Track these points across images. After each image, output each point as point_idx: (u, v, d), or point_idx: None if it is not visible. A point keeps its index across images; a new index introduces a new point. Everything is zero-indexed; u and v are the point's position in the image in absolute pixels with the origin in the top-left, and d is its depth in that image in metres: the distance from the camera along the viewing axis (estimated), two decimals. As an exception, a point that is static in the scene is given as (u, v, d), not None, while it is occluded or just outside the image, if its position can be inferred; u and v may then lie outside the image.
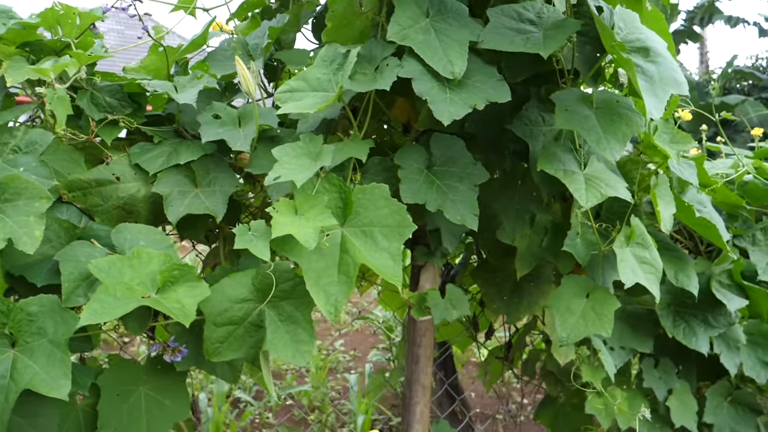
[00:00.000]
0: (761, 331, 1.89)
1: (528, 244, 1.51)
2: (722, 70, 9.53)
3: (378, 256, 1.19)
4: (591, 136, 1.21)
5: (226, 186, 1.37)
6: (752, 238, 2.03)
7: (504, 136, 1.45)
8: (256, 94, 1.26)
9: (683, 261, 1.68)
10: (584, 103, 1.28)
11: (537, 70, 1.37)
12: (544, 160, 1.28)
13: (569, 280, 1.42)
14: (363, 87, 1.17)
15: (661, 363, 1.87)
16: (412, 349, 1.70)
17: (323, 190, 1.20)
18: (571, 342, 1.37)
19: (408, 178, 1.27)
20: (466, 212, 1.27)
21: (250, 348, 1.27)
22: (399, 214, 1.20)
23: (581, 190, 1.24)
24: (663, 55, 1.23)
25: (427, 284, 1.63)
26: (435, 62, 1.17)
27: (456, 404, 2.06)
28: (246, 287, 1.27)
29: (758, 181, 1.99)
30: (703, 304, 1.77)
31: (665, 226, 1.42)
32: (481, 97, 1.18)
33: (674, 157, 1.43)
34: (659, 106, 1.16)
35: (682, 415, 1.84)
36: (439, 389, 2.27)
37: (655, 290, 1.36)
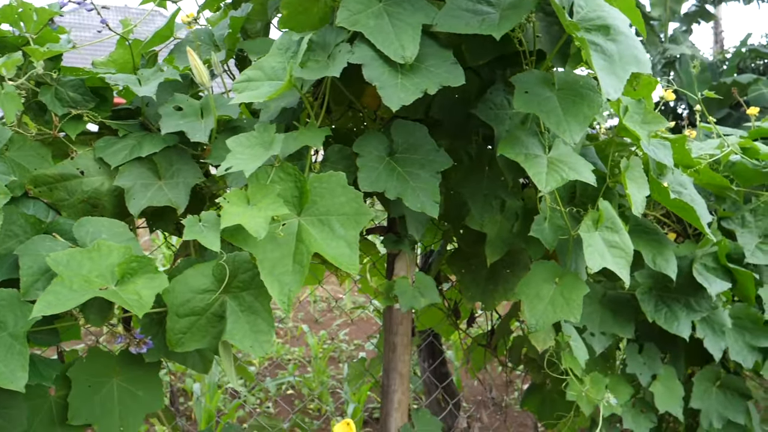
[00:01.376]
0: (748, 314, 1.85)
1: (498, 230, 1.49)
2: (736, 49, 9.33)
3: (335, 244, 1.18)
4: (550, 119, 1.18)
5: (189, 178, 1.37)
6: (741, 219, 1.99)
7: (470, 120, 1.42)
8: (209, 85, 1.25)
9: (662, 244, 1.65)
10: (546, 85, 1.25)
11: (501, 52, 1.34)
12: (505, 144, 1.26)
13: (538, 266, 1.40)
14: (313, 74, 1.16)
15: (645, 348, 1.85)
16: (389, 337, 1.69)
17: (278, 180, 1.20)
18: (540, 329, 1.35)
19: (366, 166, 1.26)
20: (427, 199, 1.26)
21: (213, 338, 1.28)
22: (356, 202, 1.19)
23: (542, 174, 1.22)
24: (624, 33, 1.20)
25: (401, 272, 1.62)
26: (386, 47, 1.15)
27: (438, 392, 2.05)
28: (208, 278, 1.26)
29: (746, 161, 1.94)
30: (685, 287, 1.73)
31: (636, 209, 1.39)
32: (434, 81, 1.16)
33: (645, 138, 1.39)
34: (618, 85, 1.13)
35: (667, 400, 1.81)
36: (427, 378, 2.27)
37: (625, 275, 1.33)
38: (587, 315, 1.75)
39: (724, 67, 9.76)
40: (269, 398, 3.47)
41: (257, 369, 3.90)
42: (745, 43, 9.24)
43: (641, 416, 1.83)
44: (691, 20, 9.99)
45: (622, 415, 1.79)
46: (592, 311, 1.75)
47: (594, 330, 1.73)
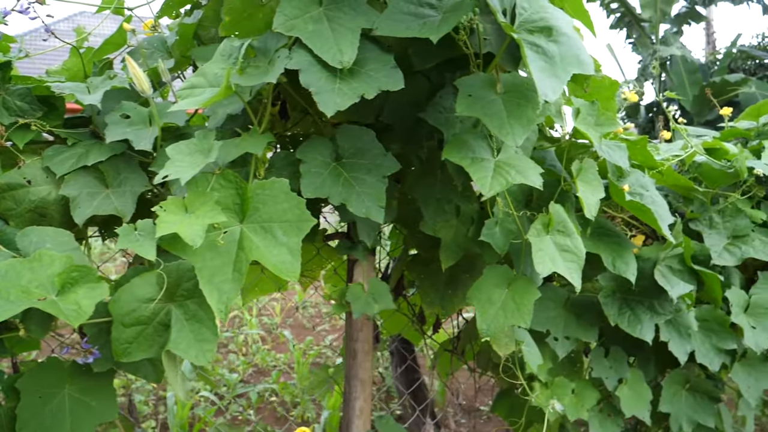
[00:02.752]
0: (715, 317, 1.84)
1: (454, 235, 1.48)
2: (726, 50, 9.33)
3: (277, 251, 1.17)
4: (493, 122, 1.17)
5: (136, 186, 1.36)
6: (709, 221, 1.97)
7: (422, 125, 1.41)
8: (150, 92, 1.24)
9: (622, 247, 1.63)
10: (491, 88, 1.24)
11: (449, 55, 1.33)
12: (451, 148, 1.25)
13: (491, 270, 1.38)
14: (251, 81, 1.15)
15: (612, 352, 1.83)
16: (350, 344, 1.68)
17: (219, 187, 1.18)
18: (491, 334, 1.34)
19: (310, 171, 1.24)
20: (372, 205, 1.24)
21: (160, 347, 1.26)
22: (298, 209, 1.18)
23: (486, 178, 1.20)
24: (567, 34, 1.19)
25: (360, 278, 1.60)
26: (324, 52, 1.14)
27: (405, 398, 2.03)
28: (153, 287, 1.25)
29: (711, 162, 1.93)
30: (649, 290, 1.72)
31: (589, 212, 1.38)
32: (373, 85, 1.14)
33: (596, 140, 1.38)
34: (557, 86, 1.12)
35: (634, 404, 1.79)
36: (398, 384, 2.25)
37: (576, 279, 1.32)
38: (551, 319, 1.73)
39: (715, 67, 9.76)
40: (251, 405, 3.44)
41: (241, 376, 3.88)
42: (735, 43, 9.25)
43: (608, 420, 1.81)
44: (682, 21, 10.00)
45: (589, 420, 1.77)
46: (555, 315, 1.74)
47: (558, 334, 1.71)
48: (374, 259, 1.65)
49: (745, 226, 1.96)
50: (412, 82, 1.41)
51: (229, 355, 4.28)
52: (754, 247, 1.92)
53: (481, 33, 1.26)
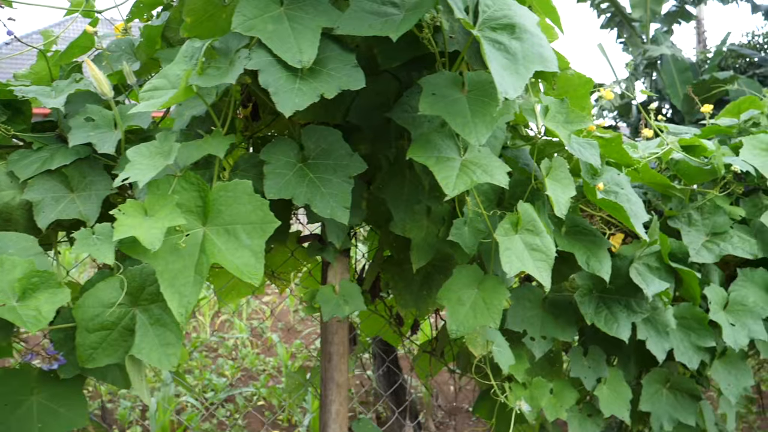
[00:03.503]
0: (693, 314, 1.83)
1: (425, 235, 1.46)
2: (716, 49, 9.35)
3: (240, 254, 1.16)
4: (456, 121, 1.16)
5: (101, 190, 1.34)
6: (688, 218, 1.97)
7: (391, 125, 1.40)
8: (111, 95, 1.22)
9: (597, 245, 1.62)
10: (456, 86, 1.23)
11: (415, 54, 1.32)
12: (416, 148, 1.24)
13: (461, 270, 1.37)
14: (210, 81, 1.14)
15: (590, 351, 1.82)
16: (325, 347, 1.66)
17: (180, 189, 1.17)
18: (461, 335, 1.33)
19: (274, 172, 1.23)
20: (337, 205, 1.23)
21: (125, 353, 1.25)
22: (262, 210, 1.17)
23: (451, 177, 1.19)
24: (530, 31, 1.18)
25: (334, 280, 1.59)
26: (284, 52, 1.13)
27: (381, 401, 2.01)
28: (118, 291, 1.24)
29: (688, 159, 1.92)
30: (626, 288, 1.71)
31: (559, 210, 1.37)
32: (334, 85, 1.13)
33: (566, 138, 1.37)
34: (518, 83, 1.11)
35: (612, 404, 1.78)
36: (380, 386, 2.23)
37: (545, 278, 1.30)
38: (528, 319, 1.72)
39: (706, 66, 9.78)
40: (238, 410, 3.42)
41: (229, 380, 3.86)
42: (725, 42, 9.27)
43: (588, 421, 1.80)
44: (672, 21, 10.02)
45: (568, 420, 1.76)
46: (533, 315, 1.73)
47: (534, 334, 1.70)
48: (348, 261, 1.63)
49: (723, 223, 1.96)
50: (381, 82, 1.41)
51: (218, 360, 4.26)
52: (732, 244, 1.91)
53: (446, 31, 1.25)
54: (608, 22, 10.32)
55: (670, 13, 10.06)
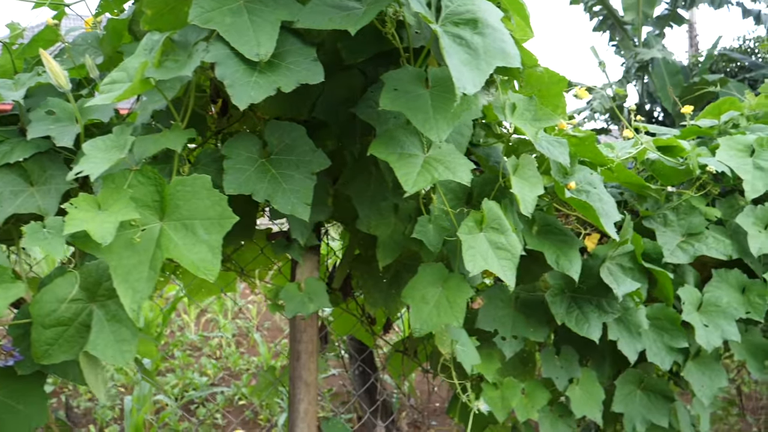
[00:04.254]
0: (666, 315, 1.82)
1: (392, 233, 1.45)
2: (707, 52, 9.38)
3: (197, 249, 1.14)
4: (416, 117, 1.15)
5: (61, 184, 1.32)
6: (663, 218, 1.96)
7: (357, 121, 1.39)
8: (68, 87, 1.20)
9: (567, 245, 1.61)
10: (419, 82, 1.22)
11: (380, 49, 1.31)
12: (378, 144, 1.22)
13: (425, 268, 1.36)
14: (167, 74, 1.12)
15: (563, 351, 1.81)
16: (293, 345, 1.65)
17: (137, 184, 1.15)
18: (424, 333, 1.31)
19: (234, 168, 1.22)
20: (298, 201, 1.22)
21: (81, 349, 1.23)
22: (220, 205, 1.15)
23: (410, 174, 1.18)
24: (492, 26, 1.17)
25: (302, 278, 1.57)
26: (241, 45, 1.11)
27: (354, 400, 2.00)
28: (75, 287, 1.22)
29: (663, 159, 1.91)
30: (597, 288, 1.70)
31: (525, 209, 1.36)
32: (292, 78, 1.12)
33: (533, 135, 1.36)
34: (478, 79, 1.10)
35: (585, 404, 1.77)
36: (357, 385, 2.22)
37: (510, 277, 1.29)
38: (499, 318, 1.71)
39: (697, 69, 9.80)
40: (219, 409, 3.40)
41: (211, 379, 3.83)
42: (716, 46, 9.30)
43: (559, 421, 1.78)
44: (664, 24, 10.04)
45: (539, 421, 1.75)
46: (504, 315, 1.72)
47: (506, 334, 1.69)
48: (318, 259, 1.62)
49: (699, 224, 1.95)
50: (348, 78, 1.40)
51: (201, 359, 4.24)
52: (707, 245, 1.91)
53: (410, 26, 1.24)
54: (600, 25, 10.34)
55: (662, 17, 10.08)
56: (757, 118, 2.49)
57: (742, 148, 2.01)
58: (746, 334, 1.96)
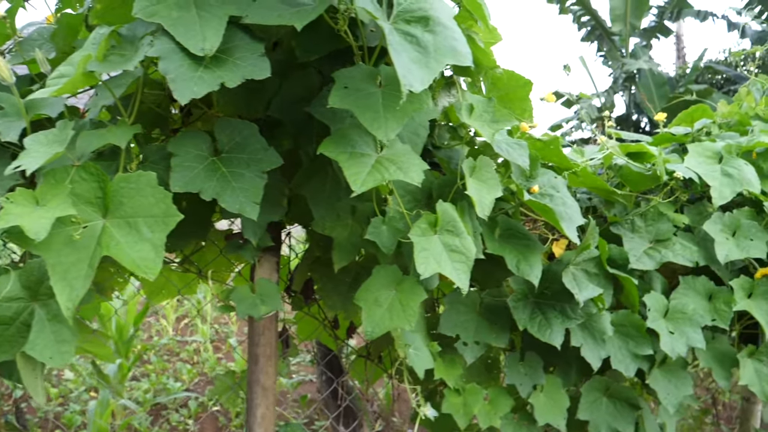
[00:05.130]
0: (632, 321, 1.80)
1: (349, 235, 1.43)
2: (693, 64, 9.45)
3: (139, 248, 1.12)
4: (365, 115, 1.13)
5: (7, 179, 1.29)
6: (631, 224, 1.95)
7: (314, 120, 1.37)
8: (11, 81, 1.18)
9: (529, 249, 1.59)
10: (372, 81, 1.20)
11: (335, 47, 1.29)
12: (329, 143, 1.21)
13: (379, 271, 1.34)
14: (110, 68, 1.10)
15: (527, 357, 1.79)
16: (251, 348, 1.62)
17: (79, 180, 1.12)
18: (375, 336, 1.29)
19: (182, 165, 1.19)
20: (246, 200, 1.19)
21: (21, 349, 1.20)
22: (164, 203, 1.13)
23: (360, 173, 1.16)
24: (444, 24, 1.15)
25: (261, 280, 1.54)
26: (187, 39, 1.09)
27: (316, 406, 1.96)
28: (17, 285, 1.19)
29: (631, 165, 1.90)
30: (561, 294, 1.68)
31: (482, 211, 1.34)
32: (238, 74, 1.10)
33: (489, 136, 1.35)
34: (427, 77, 1.08)
35: (548, 412, 1.75)
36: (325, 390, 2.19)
37: (463, 280, 1.27)
38: (462, 323, 1.69)
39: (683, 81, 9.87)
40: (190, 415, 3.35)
41: (186, 384, 3.78)
42: (702, 58, 9.38)
43: (523, 429, 1.76)
44: (650, 36, 10.11)
45: (501, 428, 1.72)
46: (467, 320, 1.69)
47: (468, 339, 1.67)
48: (277, 261, 1.59)
49: (667, 230, 1.94)
50: (304, 77, 1.38)
51: (177, 363, 4.19)
52: (674, 252, 1.90)
53: (363, 24, 1.22)
54: (588, 35, 10.41)
55: (649, 29, 10.16)
56: (729, 126, 2.50)
57: (710, 155, 2.00)
58: (713, 341, 1.94)
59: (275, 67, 1.36)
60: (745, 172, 1.95)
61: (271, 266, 1.59)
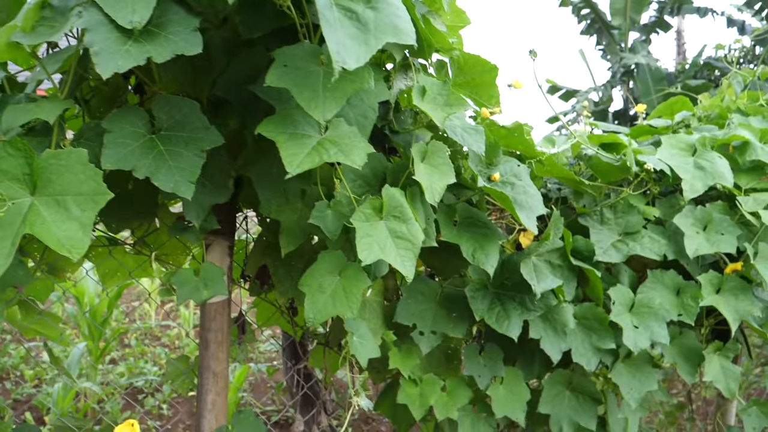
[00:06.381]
0: (595, 314, 1.77)
1: (298, 219, 1.39)
2: (692, 60, 9.37)
3: (66, 226, 1.08)
4: (302, 95, 1.09)
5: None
6: (600, 216, 1.91)
7: (262, 100, 1.32)
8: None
9: (487, 238, 1.56)
10: (314, 59, 1.16)
11: (278, 24, 1.25)
12: (269, 123, 1.17)
13: (324, 256, 1.30)
14: (36, 39, 1.06)
15: (487, 349, 1.75)
16: (202, 334, 1.58)
17: (6, 155, 1.08)
18: (318, 323, 1.25)
19: (115, 142, 1.15)
20: (182, 179, 1.15)
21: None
22: (94, 181, 1.09)
23: (298, 155, 1.12)
24: (388, 1, 1.11)
25: (214, 264, 1.51)
26: (116, 11, 1.05)
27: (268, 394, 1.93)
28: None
29: (600, 155, 1.86)
30: (521, 285, 1.64)
31: (432, 197, 1.30)
32: (168, 49, 1.06)
33: (440, 120, 1.31)
34: (363, 55, 1.04)
35: (507, 404, 1.72)
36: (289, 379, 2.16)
37: (409, 268, 1.23)
38: (419, 313, 1.66)
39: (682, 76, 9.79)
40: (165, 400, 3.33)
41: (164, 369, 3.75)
42: (701, 54, 9.29)
43: (480, 422, 1.73)
44: (650, 30, 10.02)
45: (459, 420, 1.69)
46: (425, 309, 1.66)
47: (425, 329, 1.64)
48: (228, 245, 1.55)
49: (637, 223, 1.90)
50: (252, 55, 1.34)
51: (157, 348, 4.16)
52: (641, 244, 1.86)
53: (306, 0, 1.18)
54: (588, 29, 10.31)
55: (649, 23, 10.06)
56: (710, 119, 2.46)
57: (684, 147, 1.96)
58: (680, 337, 1.91)
59: (222, 44, 1.33)
60: (718, 166, 1.90)
61: (223, 250, 1.55)
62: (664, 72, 9.47)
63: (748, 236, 1.93)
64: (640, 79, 9.24)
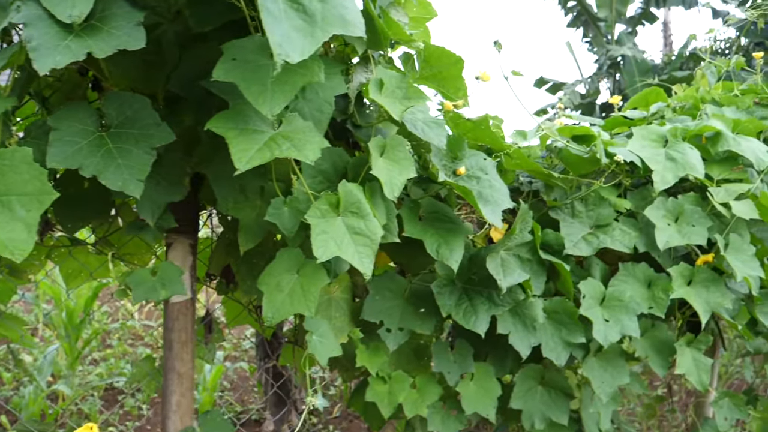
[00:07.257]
0: (565, 308, 1.75)
1: (257, 216, 1.37)
2: (678, 51, 9.39)
3: (10, 227, 1.05)
4: (250, 89, 1.07)
5: None
6: (571, 209, 1.90)
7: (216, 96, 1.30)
8: None
9: (453, 233, 1.54)
10: (263, 53, 1.13)
11: (230, 18, 1.22)
12: (219, 118, 1.14)
13: (282, 254, 1.28)
14: (-28, 34, 1.03)
15: (457, 345, 1.74)
16: (166, 334, 1.56)
17: (-55, 155, 1.06)
18: (275, 322, 1.23)
19: (62, 140, 1.13)
20: (131, 177, 1.13)
21: None
22: (39, 180, 1.07)
23: (248, 150, 1.10)
24: (337, -8, 1.09)
25: (175, 263, 1.49)
26: (54, 5, 1.02)
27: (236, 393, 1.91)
28: None
29: (571, 147, 1.85)
30: (489, 280, 1.63)
31: (390, 192, 1.28)
32: (111, 44, 1.03)
33: (397, 113, 1.28)
34: (309, 47, 1.02)
35: (478, 401, 1.71)
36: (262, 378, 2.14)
37: (367, 265, 1.21)
38: (386, 309, 1.64)
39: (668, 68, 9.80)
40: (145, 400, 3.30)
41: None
42: (687, 46, 9.31)
43: (451, 418, 1.72)
44: (636, 22, 10.02)
45: (429, 417, 1.68)
46: (393, 306, 1.64)
47: (392, 326, 1.62)
48: (190, 243, 1.53)
49: (608, 215, 1.89)
50: (206, 50, 1.31)
51: (139, 348, 4.13)
52: (612, 237, 1.84)
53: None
54: (574, 21, 10.31)
55: (635, 15, 10.07)
56: (684, 109, 2.45)
57: (655, 138, 1.95)
58: (652, 330, 1.90)
59: (175, 39, 1.31)
60: (690, 157, 1.89)
61: (185, 249, 1.53)
62: (651, 64, 9.48)
63: (720, 227, 1.92)
64: (627, 71, 9.24)
